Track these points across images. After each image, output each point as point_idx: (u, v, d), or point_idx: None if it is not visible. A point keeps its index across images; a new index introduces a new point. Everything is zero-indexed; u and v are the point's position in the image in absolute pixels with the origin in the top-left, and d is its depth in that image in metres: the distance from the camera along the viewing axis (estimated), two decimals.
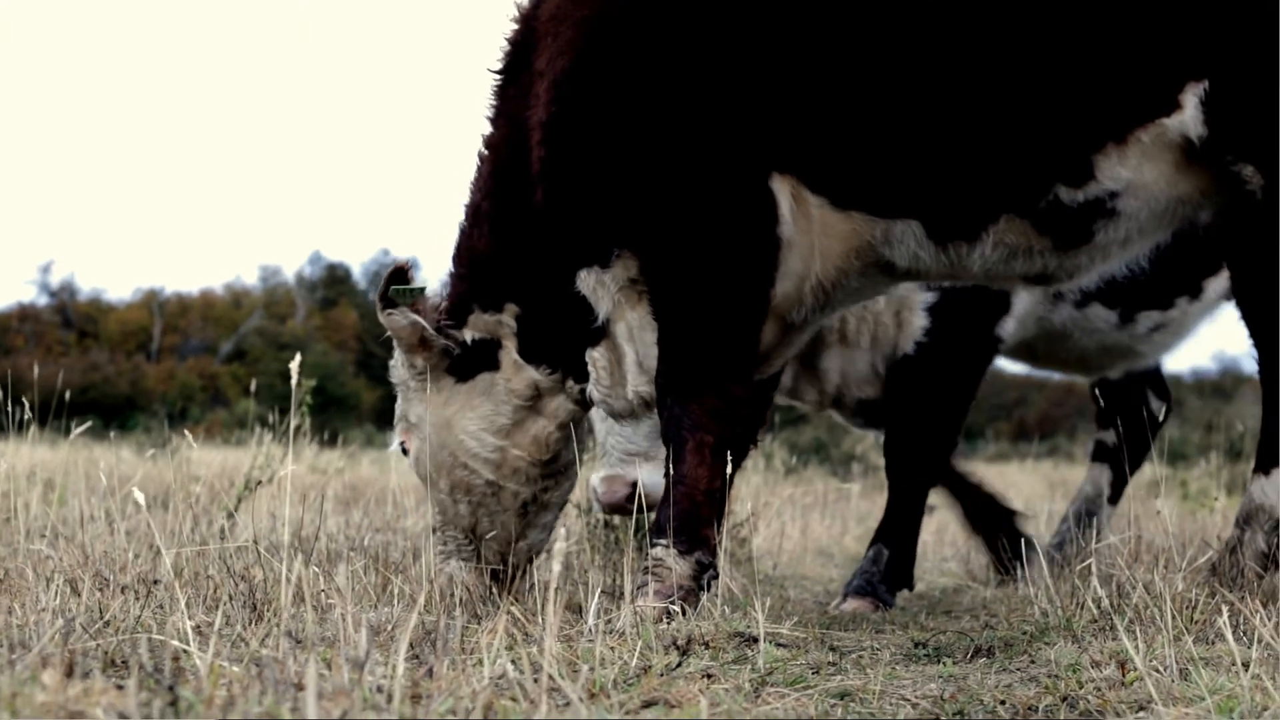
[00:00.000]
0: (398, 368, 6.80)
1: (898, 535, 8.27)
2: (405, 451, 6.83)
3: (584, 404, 6.73)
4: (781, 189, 6.22)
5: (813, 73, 6.10)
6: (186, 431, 7.42)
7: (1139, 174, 6.13)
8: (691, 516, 6.18)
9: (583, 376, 6.64)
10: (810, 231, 6.25)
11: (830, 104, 6.11)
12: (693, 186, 6.18)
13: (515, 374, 6.64)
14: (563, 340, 6.62)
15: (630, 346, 6.49)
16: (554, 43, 6.36)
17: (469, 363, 6.71)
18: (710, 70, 6.15)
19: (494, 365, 6.69)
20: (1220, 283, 8.92)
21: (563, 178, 6.34)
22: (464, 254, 6.75)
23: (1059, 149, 6.08)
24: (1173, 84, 6.03)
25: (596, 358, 6.58)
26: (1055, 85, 6.01)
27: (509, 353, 6.66)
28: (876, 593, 7.96)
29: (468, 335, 6.68)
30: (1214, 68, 6.01)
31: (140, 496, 5.14)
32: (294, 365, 4.98)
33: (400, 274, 6.56)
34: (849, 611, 7.73)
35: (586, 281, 6.45)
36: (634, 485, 7.66)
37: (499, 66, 6.69)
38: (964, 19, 6.03)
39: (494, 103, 6.71)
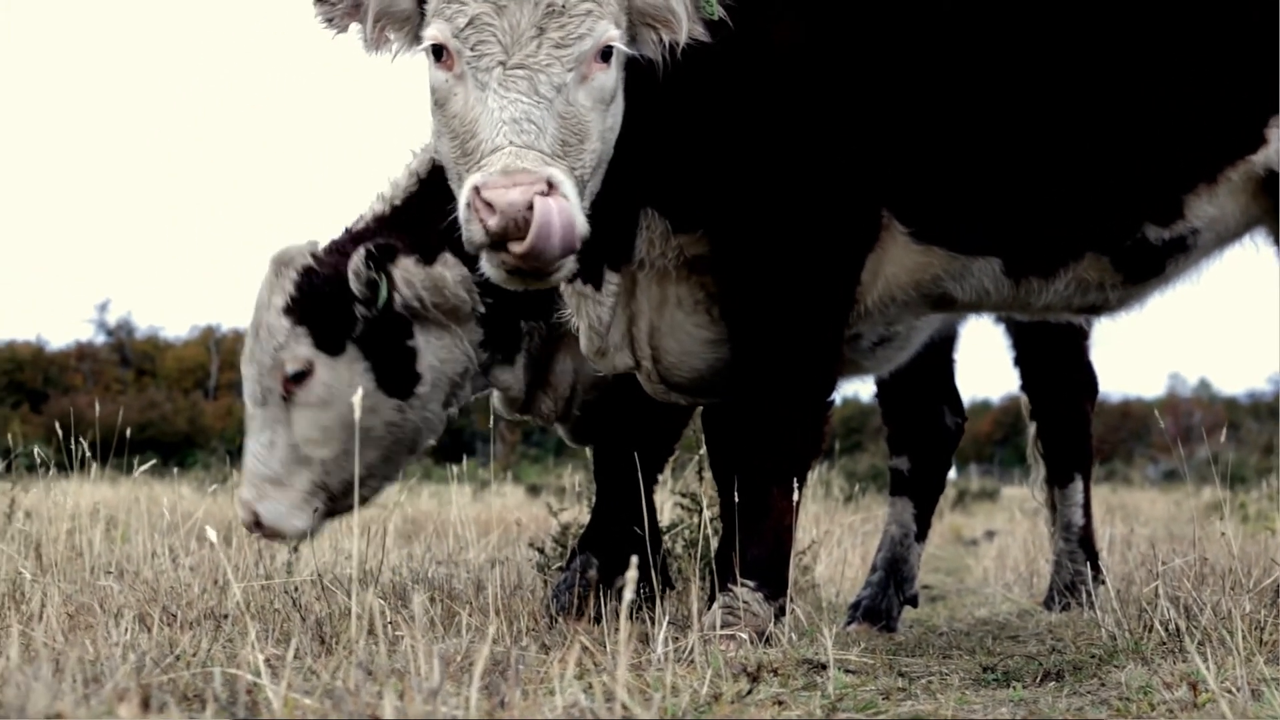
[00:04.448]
0: None
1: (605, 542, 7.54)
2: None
3: None
4: None
5: (925, 118, 6.08)
6: None
7: (1222, 210, 6.19)
8: (778, 558, 6.12)
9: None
10: (879, 260, 6.22)
11: (941, 146, 6.11)
12: (824, 204, 6.07)
13: None
14: None
15: (652, 316, 6.43)
16: None
17: None
18: (845, 115, 6.06)
19: None
20: None
21: (702, 132, 6.08)
22: None
23: (1155, 191, 6.13)
24: (1259, 121, 6.09)
25: (600, 296, 6.44)
26: (1154, 132, 6.07)
27: None
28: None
29: None
30: None
31: (213, 534, 5.17)
32: (355, 400, 4.97)
33: None
34: None
35: (643, 221, 6.26)
36: (255, 515, 7.32)
37: None
38: (1075, 78, 6.10)
39: None
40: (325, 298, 7.25)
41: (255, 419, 7.36)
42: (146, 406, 65.89)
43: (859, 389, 8.73)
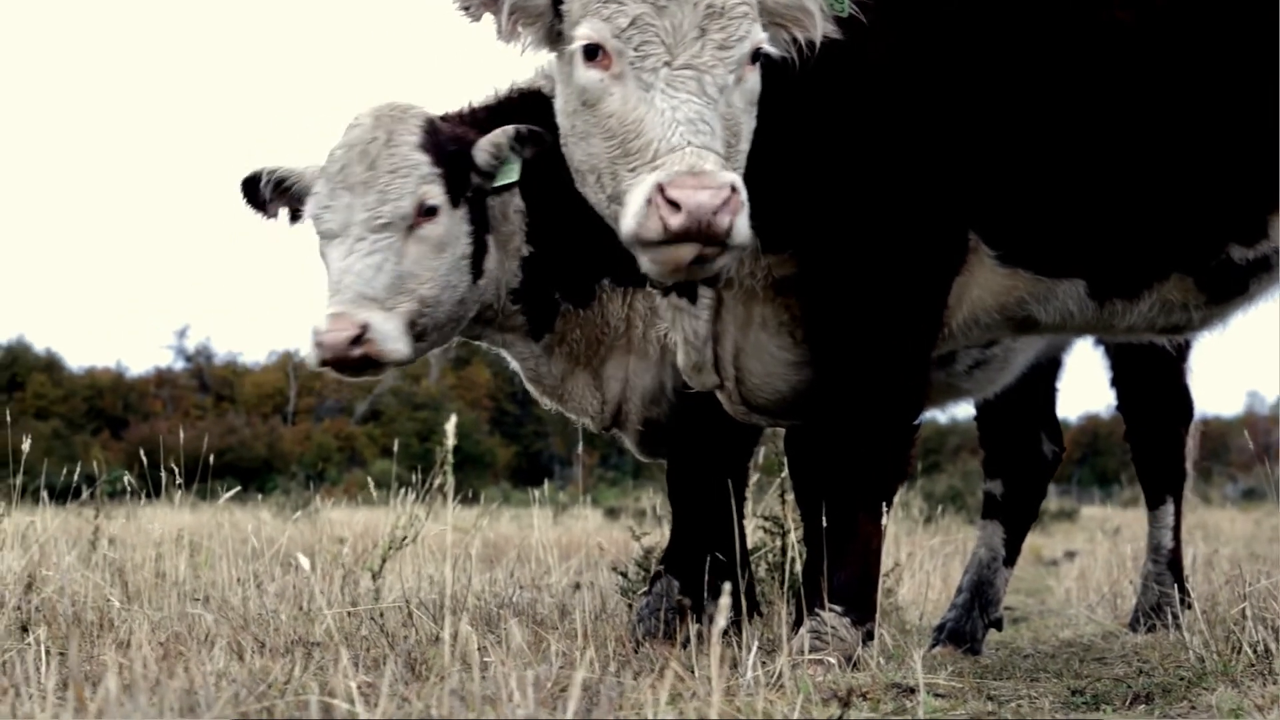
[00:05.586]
0: None
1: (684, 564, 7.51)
2: None
3: None
4: None
5: (1015, 141, 6.09)
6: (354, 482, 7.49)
7: None
8: (866, 582, 6.12)
9: None
10: (965, 283, 6.21)
11: (1030, 169, 6.11)
12: (915, 227, 6.08)
13: None
14: None
15: (736, 336, 6.43)
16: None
17: None
18: (938, 139, 6.07)
19: None
20: None
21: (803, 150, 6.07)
22: None
23: (1240, 211, 6.11)
24: None
25: (695, 309, 6.41)
26: (1240, 152, 6.05)
27: None
28: None
29: None
30: None
31: (305, 561, 5.20)
32: (449, 427, 5.00)
33: None
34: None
35: None
36: (362, 328, 6.85)
37: None
38: (1162, 101, 6.10)
39: None
40: (453, 152, 7.24)
41: (364, 242, 7.09)
42: (226, 432, 66.07)
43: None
